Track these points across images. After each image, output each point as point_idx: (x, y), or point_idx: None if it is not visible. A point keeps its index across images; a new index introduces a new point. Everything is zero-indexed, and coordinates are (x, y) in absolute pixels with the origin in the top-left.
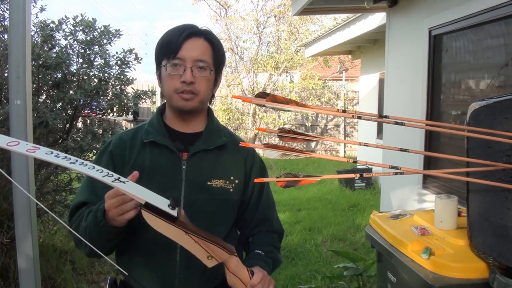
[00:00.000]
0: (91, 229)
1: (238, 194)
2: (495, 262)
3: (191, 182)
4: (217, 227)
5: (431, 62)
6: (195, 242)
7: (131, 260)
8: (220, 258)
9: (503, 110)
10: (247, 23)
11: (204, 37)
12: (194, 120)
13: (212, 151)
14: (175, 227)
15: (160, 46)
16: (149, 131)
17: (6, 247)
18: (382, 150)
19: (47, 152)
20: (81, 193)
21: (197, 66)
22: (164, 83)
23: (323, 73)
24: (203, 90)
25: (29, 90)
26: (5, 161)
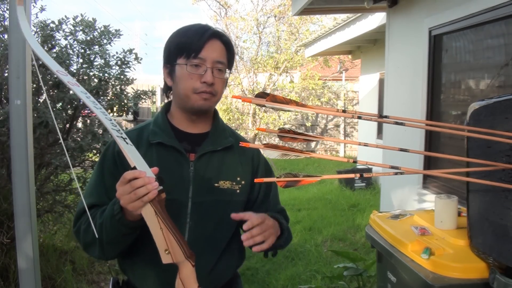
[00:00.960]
0: (107, 224)
1: (244, 195)
2: (495, 262)
3: (199, 184)
4: (223, 228)
5: (431, 62)
6: (160, 228)
7: (133, 261)
8: (176, 258)
9: (503, 110)
10: (247, 23)
11: (221, 39)
12: (202, 120)
13: (219, 152)
14: (149, 204)
15: (177, 43)
16: (156, 132)
17: (6, 247)
18: (382, 150)
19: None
20: (91, 194)
21: (216, 68)
22: (180, 82)
23: (323, 73)
24: (220, 91)
25: (29, 90)
26: (5, 161)
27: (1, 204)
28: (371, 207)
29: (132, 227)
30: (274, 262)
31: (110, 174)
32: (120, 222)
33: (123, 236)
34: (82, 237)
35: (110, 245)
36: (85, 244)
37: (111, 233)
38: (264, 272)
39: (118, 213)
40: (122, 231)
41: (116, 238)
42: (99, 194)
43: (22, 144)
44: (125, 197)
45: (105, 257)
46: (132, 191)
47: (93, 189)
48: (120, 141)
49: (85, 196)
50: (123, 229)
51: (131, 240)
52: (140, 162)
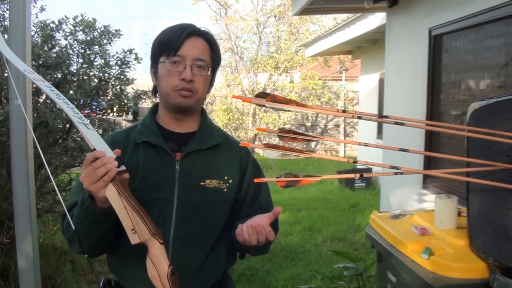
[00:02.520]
0: (79, 214)
1: (232, 194)
2: (495, 262)
3: (185, 183)
4: (211, 227)
5: (431, 62)
6: (124, 208)
7: (122, 261)
8: (142, 236)
9: (503, 110)
10: (247, 23)
11: (203, 37)
12: (188, 120)
13: (205, 151)
14: (112, 185)
15: (159, 43)
16: (142, 131)
17: (6, 247)
18: (382, 150)
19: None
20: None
21: (197, 65)
22: (161, 80)
23: (323, 73)
24: (201, 89)
25: (29, 90)
26: (5, 161)
27: (1, 204)
28: (371, 207)
29: (101, 213)
30: (274, 262)
31: None
32: (90, 209)
33: (95, 223)
34: (65, 234)
35: (85, 236)
36: (68, 240)
37: (84, 221)
38: (264, 272)
39: (87, 200)
40: (93, 218)
41: (89, 227)
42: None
43: (22, 144)
44: (87, 179)
45: (85, 251)
46: (92, 172)
47: (77, 188)
48: (80, 126)
49: (70, 195)
50: (94, 215)
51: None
52: (100, 144)
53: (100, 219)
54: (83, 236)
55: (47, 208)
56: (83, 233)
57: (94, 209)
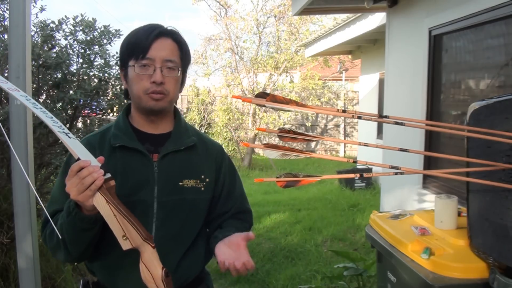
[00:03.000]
0: (65, 223)
1: (209, 192)
2: (495, 262)
3: (163, 184)
4: (189, 226)
5: (431, 62)
6: (113, 215)
7: (101, 263)
8: (134, 242)
9: (503, 110)
10: (247, 23)
11: (171, 37)
12: (162, 121)
13: (182, 152)
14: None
15: (126, 46)
16: (117, 135)
17: (6, 247)
18: (382, 150)
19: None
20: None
21: (166, 66)
22: (132, 84)
23: (323, 73)
24: (172, 90)
25: (29, 90)
26: (5, 161)
27: (1, 204)
28: (371, 207)
29: (89, 221)
30: (274, 262)
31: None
32: (77, 217)
33: (83, 232)
34: (48, 242)
35: (73, 245)
36: (51, 249)
37: (71, 230)
38: (264, 272)
39: (73, 209)
40: (80, 227)
41: (76, 236)
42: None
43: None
44: (73, 189)
45: (71, 259)
46: (79, 182)
47: (57, 196)
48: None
49: (50, 203)
50: (81, 224)
51: (92, 237)
52: (84, 153)
53: (87, 227)
54: (70, 244)
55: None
56: (70, 241)
57: (81, 217)
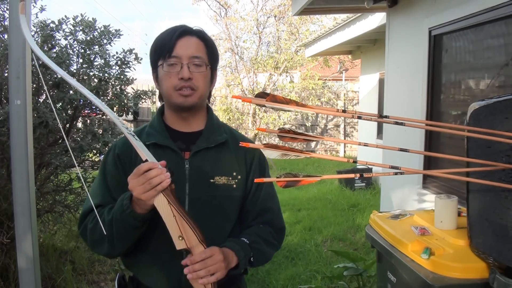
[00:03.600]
0: (117, 220)
1: (241, 190)
2: (495, 262)
3: (195, 181)
4: (222, 223)
5: (431, 62)
6: (173, 216)
7: (137, 258)
8: (190, 243)
9: (503, 110)
10: (247, 23)
11: (196, 35)
12: (194, 118)
13: (213, 149)
14: (162, 194)
15: (154, 49)
16: (150, 133)
17: (6, 247)
18: (382, 150)
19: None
20: (95, 195)
21: (193, 63)
22: (162, 83)
23: (323, 73)
24: (201, 86)
25: (29, 90)
26: (5, 161)
27: (1, 204)
28: (371, 207)
29: (141, 220)
30: (274, 262)
31: (112, 176)
32: (131, 215)
33: (134, 229)
34: (90, 236)
35: (120, 241)
36: (92, 242)
37: (122, 227)
38: (264, 272)
39: (128, 207)
40: (133, 225)
41: (126, 233)
42: (103, 194)
43: (22, 144)
44: (139, 187)
45: (114, 254)
46: (146, 181)
47: (97, 190)
48: (130, 138)
49: (92, 195)
50: (134, 222)
51: (139, 234)
52: (149, 156)
53: (139, 225)
54: (118, 240)
55: (47, 208)
56: (119, 238)
57: (135, 216)
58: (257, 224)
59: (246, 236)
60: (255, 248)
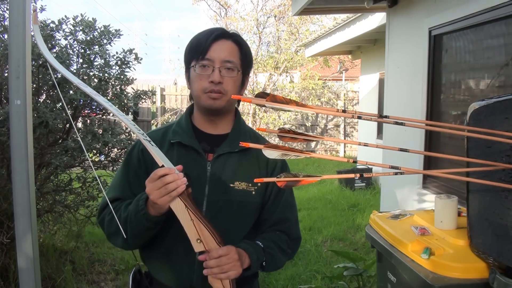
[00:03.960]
0: (131, 219)
1: (260, 197)
2: (495, 262)
3: (215, 183)
4: (236, 228)
5: (431, 62)
6: (190, 220)
7: (150, 254)
8: (208, 245)
9: (503, 110)
10: (247, 23)
11: (232, 39)
12: (221, 121)
13: (236, 154)
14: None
15: (189, 49)
16: (177, 132)
17: (6, 247)
18: (382, 150)
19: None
20: (115, 188)
21: (225, 67)
22: (193, 84)
23: (323, 73)
24: (231, 90)
25: (29, 90)
26: (5, 161)
27: (1, 204)
28: (371, 207)
29: (155, 222)
30: None
31: (134, 171)
32: (145, 217)
33: (147, 230)
34: (107, 227)
35: (134, 238)
36: (109, 234)
37: (136, 227)
38: (264, 272)
39: (142, 209)
40: (146, 226)
41: (140, 232)
42: (123, 188)
43: (22, 144)
44: (155, 192)
45: (128, 248)
46: (162, 186)
47: (118, 183)
48: (146, 143)
49: (110, 189)
50: (147, 223)
51: (152, 234)
52: (166, 161)
53: (152, 227)
54: (132, 238)
55: (47, 208)
56: (132, 235)
57: (149, 218)
58: (273, 231)
59: (261, 240)
60: (269, 253)
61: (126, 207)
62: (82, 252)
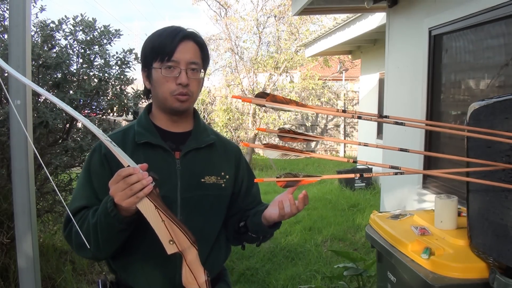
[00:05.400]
0: (101, 223)
1: (230, 188)
2: (495, 262)
3: (186, 180)
4: (212, 221)
5: (431, 62)
6: (161, 221)
7: (127, 260)
8: (181, 246)
9: (503, 110)
10: (247, 23)
11: (194, 39)
12: (183, 120)
13: (203, 149)
14: (148, 199)
15: (151, 47)
16: (141, 132)
17: (6, 247)
18: (382, 150)
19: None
20: (79, 197)
21: (190, 68)
22: (157, 85)
23: (323, 73)
24: (196, 91)
25: (29, 90)
26: (5, 161)
27: (1, 204)
28: (371, 207)
29: (127, 222)
30: (274, 262)
31: (97, 176)
32: (116, 219)
33: (120, 232)
34: (75, 239)
35: (107, 244)
36: (77, 246)
37: (107, 230)
38: (264, 272)
39: (112, 210)
40: (118, 228)
41: (112, 236)
42: (88, 196)
43: (22, 144)
44: (120, 193)
45: (100, 256)
46: (127, 187)
47: (81, 191)
48: (108, 144)
49: (74, 199)
50: (119, 225)
51: (125, 236)
52: (130, 161)
53: (125, 228)
54: (104, 243)
55: (47, 208)
56: (104, 241)
57: (120, 219)
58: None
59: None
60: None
61: (94, 213)
62: None
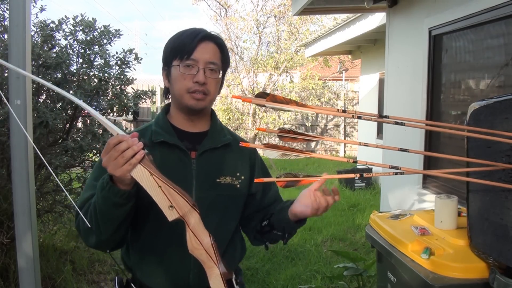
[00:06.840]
0: (98, 199)
1: (245, 189)
2: (495, 262)
3: (201, 180)
4: (227, 221)
5: (431, 62)
6: (158, 187)
7: (142, 258)
8: (181, 210)
9: (503, 110)
10: (247, 23)
11: (214, 41)
12: (200, 120)
13: (219, 149)
14: (142, 166)
15: (171, 47)
16: (158, 132)
17: (6, 247)
18: (382, 150)
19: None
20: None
21: (209, 68)
22: (175, 83)
23: (323, 73)
24: (213, 91)
25: (29, 90)
26: (5, 161)
27: (1, 204)
28: (371, 207)
29: (123, 196)
30: (274, 262)
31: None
32: (111, 191)
33: (116, 207)
34: (81, 226)
35: (105, 223)
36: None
37: (104, 206)
38: (264, 272)
39: (107, 183)
40: (114, 201)
41: (110, 212)
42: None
43: (22, 144)
44: (112, 163)
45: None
46: (118, 155)
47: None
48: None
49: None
50: (115, 198)
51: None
52: (119, 131)
53: (121, 202)
54: (102, 223)
55: (47, 208)
56: (102, 220)
57: (116, 191)
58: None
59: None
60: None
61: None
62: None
